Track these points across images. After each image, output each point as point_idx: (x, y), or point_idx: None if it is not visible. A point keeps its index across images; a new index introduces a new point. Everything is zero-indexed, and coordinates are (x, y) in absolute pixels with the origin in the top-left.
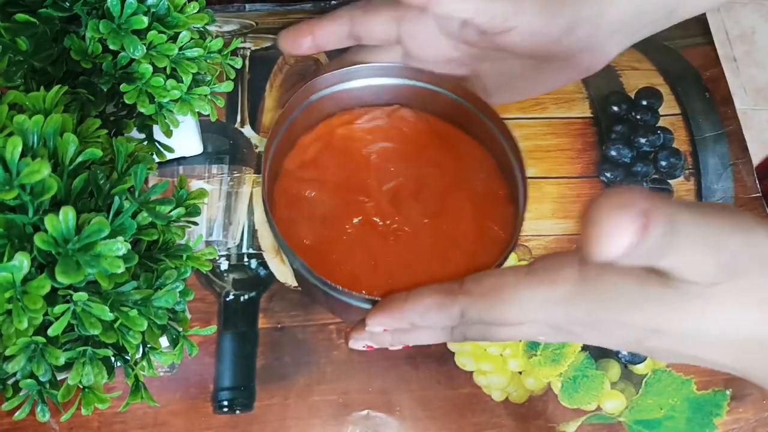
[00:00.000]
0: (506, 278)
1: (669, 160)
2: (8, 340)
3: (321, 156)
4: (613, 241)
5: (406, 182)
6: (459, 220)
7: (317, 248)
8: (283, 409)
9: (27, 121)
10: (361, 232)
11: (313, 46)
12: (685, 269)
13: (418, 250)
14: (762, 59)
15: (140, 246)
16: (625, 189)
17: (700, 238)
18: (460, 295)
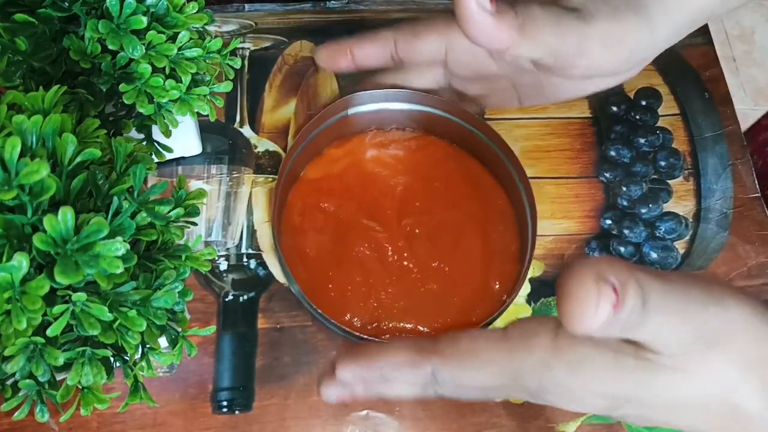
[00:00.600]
0: (480, 343)
1: (668, 160)
2: (7, 341)
3: (347, 172)
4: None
5: (426, 220)
6: (465, 270)
7: (317, 260)
8: (282, 409)
9: (26, 121)
10: (365, 259)
11: (352, 65)
12: (658, 341)
13: (414, 292)
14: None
15: (139, 246)
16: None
17: (672, 310)
18: (432, 355)
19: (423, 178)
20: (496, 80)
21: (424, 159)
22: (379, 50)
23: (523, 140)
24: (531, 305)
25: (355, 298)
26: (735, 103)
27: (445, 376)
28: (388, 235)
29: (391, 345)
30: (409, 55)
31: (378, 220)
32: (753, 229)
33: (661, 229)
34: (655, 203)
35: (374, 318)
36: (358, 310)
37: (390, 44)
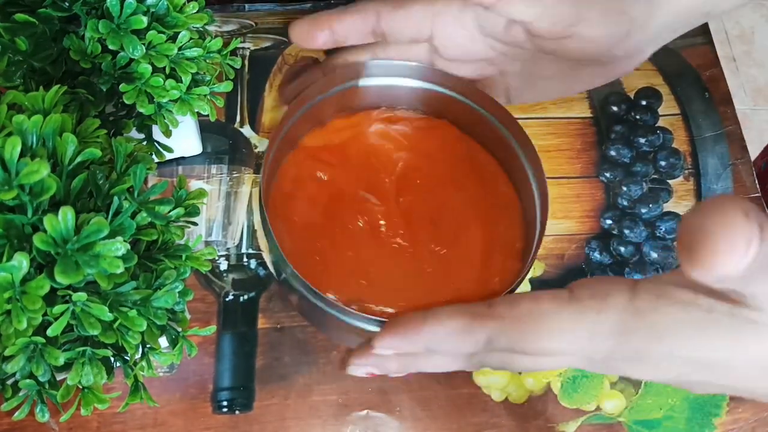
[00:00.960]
0: (545, 305)
1: (668, 160)
2: (7, 341)
3: (349, 144)
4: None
5: (426, 201)
6: (464, 260)
7: (304, 231)
8: (282, 409)
9: (26, 121)
10: (358, 233)
11: (330, 41)
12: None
13: (406, 273)
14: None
15: (139, 246)
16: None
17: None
18: (489, 319)
19: (427, 157)
20: (483, 66)
21: (432, 140)
22: (360, 23)
23: None
24: None
25: (342, 272)
26: (735, 103)
27: (501, 342)
28: (384, 209)
29: (439, 312)
30: (393, 29)
31: (375, 193)
32: None
33: (662, 229)
34: (655, 203)
35: (359, 297)
36: (342, 287)
37: (372, 16)
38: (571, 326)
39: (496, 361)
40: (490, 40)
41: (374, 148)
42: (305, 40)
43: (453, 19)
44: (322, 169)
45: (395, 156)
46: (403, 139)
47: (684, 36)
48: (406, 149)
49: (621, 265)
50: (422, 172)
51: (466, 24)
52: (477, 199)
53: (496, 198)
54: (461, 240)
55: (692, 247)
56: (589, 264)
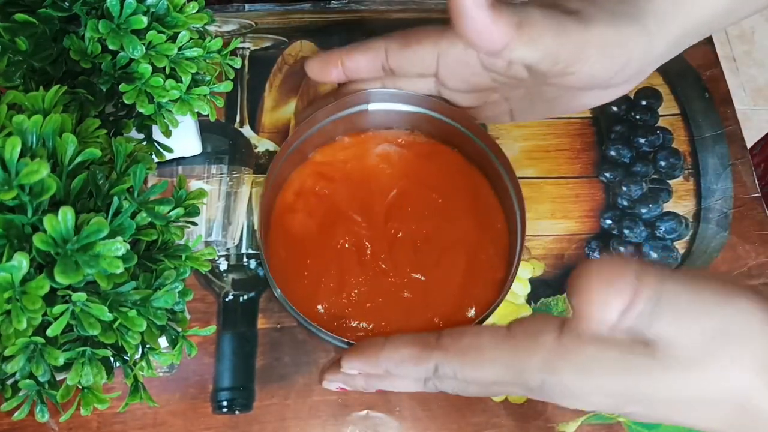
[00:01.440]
0: (484, 339)
1: (668, 160)
2: (7, 341)
3: (351, 160)
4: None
5: (413, 229)
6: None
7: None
8: (282, 410)
9: (26, 121)
10: (345, 253)
11: (342, 77)
12: (669, 340)
13: (386, 297)
14: (762, 59)
15: (139, 246)
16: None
17: (684, 309)
18: (436, 349)
19: (424, 185)
20: (487, 93)
21: (434, 167)
22: (370, 60)
23: (523, 140)
24: (531, 305)
25: (327, 290)
26: (735, 103)
27: (447, 371)
28: (371, 234)
29: (395, 340)
30: (400, 65)
31: (366, 216)
32: (753, 229)
33: (662, 229)
34: (655, 203)
35: (342, 314)
36: (327, 304)
37: (381, 54)
38: (505, 360)
39: (448, 386)
40: (493, 74)
41: (374, 170)
42: (319, 75)
43: (457, 57)
44: (323, 184)
45: (392, 181)
46: (404, 164)
47: None
48: (405, 175)
49: None
50: (415, 200)
51: (470, 61)
52: (466, 230)
53: (486, 231)
54: (442, 269)
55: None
56: None
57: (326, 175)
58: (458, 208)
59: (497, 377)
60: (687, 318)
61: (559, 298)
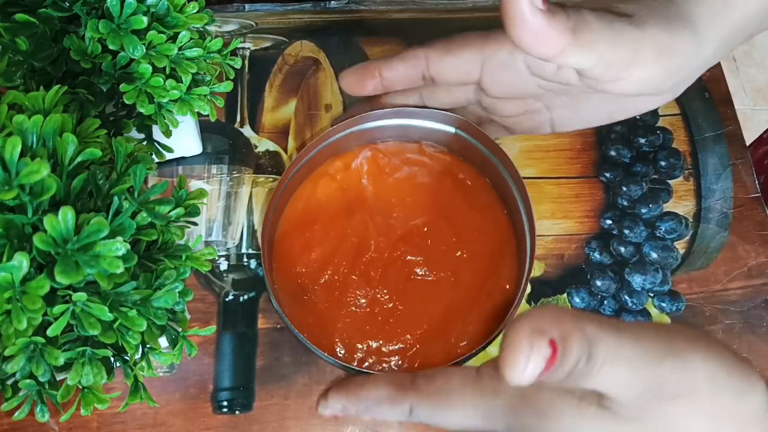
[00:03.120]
0: (454, 382)
1: (668, 160)
2: (7, 341)
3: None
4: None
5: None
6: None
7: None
8: (282, 410)
9: (26, 121)
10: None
11: (380, 87)
12: (611, 392)
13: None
14: (762, 59)
15: (139, 246)
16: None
17: (622, 361)
18: (410, 391)
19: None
20: (529, 102)
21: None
22: (410, 70)
23: (523, 140)
24: (531, 305)
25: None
26: (735, 103)
27: (420, 413)
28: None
29: (372, 380)
30: (442, 74)
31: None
32: (753, 229)
33: (662, 229)
34: (655, 203)
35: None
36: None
37: (422, 63)
38: (471, 406)
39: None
40: (539, 79)
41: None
42: (355, 88)
43: (502, 62)
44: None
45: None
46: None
47: None
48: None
49: (621, 265)
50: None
51: (516, 66)
52: (478, 252)
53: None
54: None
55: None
56: (589, 264)
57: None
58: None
59: (466, 421)
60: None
61: (558, 298)
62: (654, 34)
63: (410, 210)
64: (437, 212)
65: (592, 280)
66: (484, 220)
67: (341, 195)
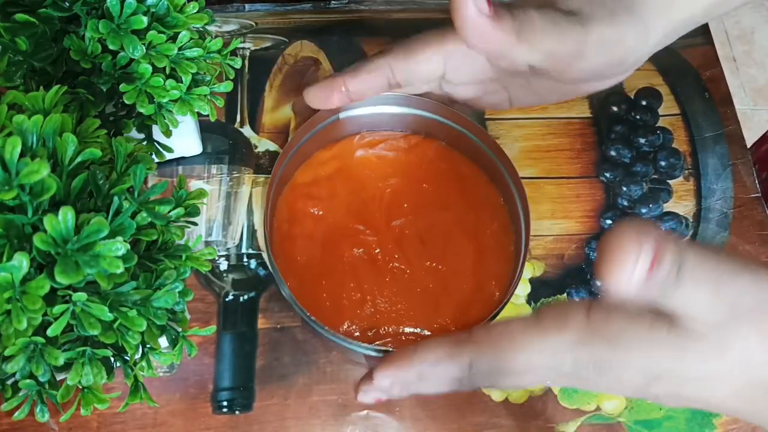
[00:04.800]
0: (514, 327)
1: (668, 160)
2: (7, 341)
3: (335, 176)
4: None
5: (415, 222)
6: (459, 270)
7: (308, 269)
8: (282, 410)
9: (26, 121)
10: (357, 264)
11: (346, 100)
12: (691, 309)
13: (410, 293)
14: (761, 59)
15: (139, 246)
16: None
17: (706, 275)
18: (469, 344)
19: (412, 179)
20: (487, 85)
21: (414, 159)
22: (375, 79)
23: (523, 140)
24: (531, 305)
25: (351, 305)
26: (735, 103)
27: (482, 365)
28: (377, 238)
29: (427, 343)
30: (407, 77)
31: (367, 223)
32: (753, 229)
33: (662, 229)
34: (655, 203)
35: (372, 324)
36: (355, 318)
37: (386, 70)
38: (537, 343)
39: (483, 381)
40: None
41: (360, 178)
42: (321, 103)
43: (462, 56)
44: (313, 205)
45: (381, 184)
46: (386, 164)
47: (684, 36)
48: (390, 175)
49: None
50: (408, 194)
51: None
52: (463, 211)
53: (483, 206)
54: (453, 252)
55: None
56: (589, 264)
57: (314, 196)
58: (451, 193)
59: (530, 363)
60: (709, 286)
61: (559, 298)
62: (599, 31)
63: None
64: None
65: (592, 280)
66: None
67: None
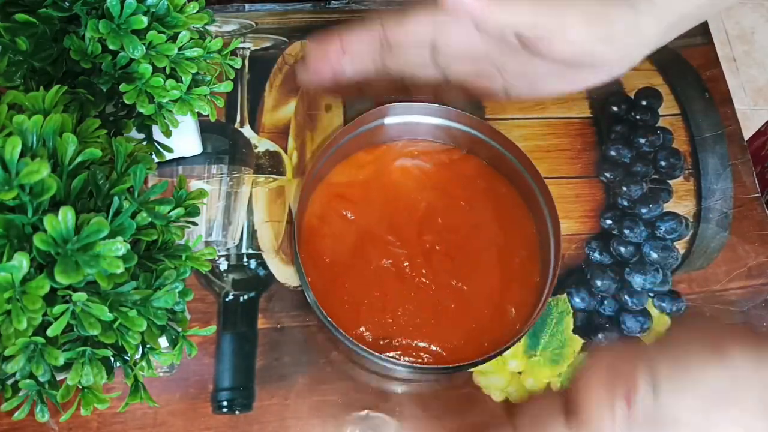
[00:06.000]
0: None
1: (668, 160)
2: (7, 341)
3: (372, 181)
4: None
5: (446, 239)
6: (482, 293)
7: (333, 268)
8: (282, 409)
9: (26, 121)
10: (385, 273)
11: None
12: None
13: (430, 310)
14: (761, 59)
15: (139, 246)
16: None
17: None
18: None
19: (448, 196)
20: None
21: (453, 175)
22: (367, 36)
23: (523, 140)
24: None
25: (370, 312)
26: (735, 103)
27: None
28: (407, 251)
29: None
30: (397, 36)
31: (397, 235)
32: (753, 229)
33: (662, 229)
34: (655, 203)
35: (387, 333)
36: (371, 324)
37: (378, 29)
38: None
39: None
40: (486, 38)
41: (397, 187)
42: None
43: (453, 22)
44: (347, 207)
45: (417, 196)
46: (424, 176)
47: (684, 36)
48: (428, 188)
49: (621, 265)
50: (443, 210)
51: (465, 25)
52: (495, 234)
53: (515, 232)
54: (480, 275)
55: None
56: (589, 264)
57: (348, 197)
58: (485, 214)
59: None
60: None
61: (559, 298)
62: (583, 2)
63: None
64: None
65: (592, 280)
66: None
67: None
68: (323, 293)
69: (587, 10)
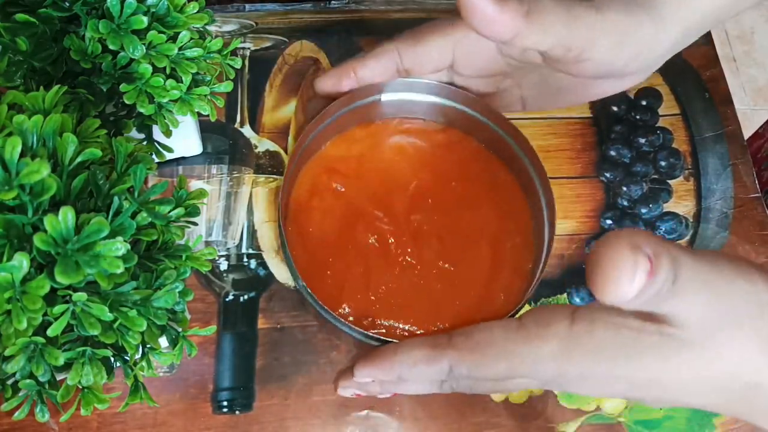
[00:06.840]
0: (496, 333)
1: (668, 160)
2: (7, 341)
3: (366, 156)
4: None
5: (436, 219)
6: (470, 277)
7: (318, 242)
8: (282, 410)
9: (26, 121)
10: (369, 250)
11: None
12: (685, 315)
13: (415, 291)
14: (761, 59)
15: (140, 246)
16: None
17: (701, 284)
18: (448, 349)
19: (442, 176)
20: (501, 79)
21: (449, 155)
22: (383, 65)
23: None
24: (531, 305)
25: (353, 289)
26: (735, 103)
27: (461, 370)
28: (394, 228)
29: (405, 344)
30: (415, 64)
31: (386, 211)
32: (753, 229)
33: (662, 229)
34: (655, 203)
35: (370, 312)
36: (354, 302)
37: (394, 56)
38: (519, 352)
39: (464, 386)
40: (507, 59)
41: (390, 164)
42: (331, 89)
43: (472, 44)
44: (338, 180)
45: (409, 175)
46: (419, 155)
47: None
48: (421, 167)
49: None
50: (435, 191)
51: (485, 47)
52: (488, 218)
53: (509, 217)
54: (469, 258)
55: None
56: None
57: (340, 171)
58: (479, 197)
59: (511, 370)
60: (704, 292)
61: (559, 298)
62: (614, 19)
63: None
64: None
65: None
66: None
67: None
68: (307, 267)
69: (618, 27)
